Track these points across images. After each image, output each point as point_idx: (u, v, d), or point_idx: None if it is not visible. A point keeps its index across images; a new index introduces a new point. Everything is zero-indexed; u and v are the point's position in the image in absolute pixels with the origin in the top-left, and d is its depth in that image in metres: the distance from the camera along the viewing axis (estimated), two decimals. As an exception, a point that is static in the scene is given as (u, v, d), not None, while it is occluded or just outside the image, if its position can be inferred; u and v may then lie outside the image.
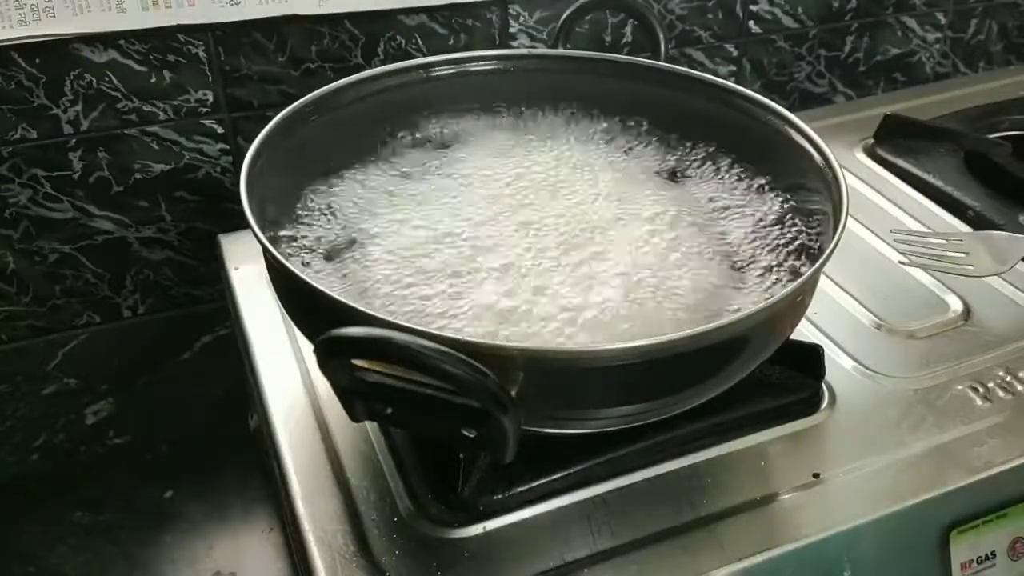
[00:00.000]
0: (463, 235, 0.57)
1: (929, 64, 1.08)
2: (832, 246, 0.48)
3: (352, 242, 0.57)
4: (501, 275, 0.53)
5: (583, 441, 0.53)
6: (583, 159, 0.65)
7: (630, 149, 0.66)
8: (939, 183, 0.80)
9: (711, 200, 0.62)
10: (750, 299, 0.53)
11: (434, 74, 0.66)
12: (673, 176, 0.64)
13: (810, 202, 0.58)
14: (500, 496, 0.51)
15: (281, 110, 0.58)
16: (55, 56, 0.71)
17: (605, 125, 0.68)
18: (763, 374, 0.56)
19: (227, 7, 0.73)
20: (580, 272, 0.54)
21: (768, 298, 0.51)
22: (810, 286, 0.52)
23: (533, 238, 0.57)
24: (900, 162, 0.84)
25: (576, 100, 0.67)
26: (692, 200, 0.62)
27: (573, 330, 0.49)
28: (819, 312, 0.66)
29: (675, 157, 0.65)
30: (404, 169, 0.64)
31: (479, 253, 0.55)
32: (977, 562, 0.55)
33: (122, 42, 0.73)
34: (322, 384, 0.59)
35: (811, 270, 0.48)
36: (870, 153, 0.87)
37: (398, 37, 0.80)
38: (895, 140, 0.87)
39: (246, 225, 0.48)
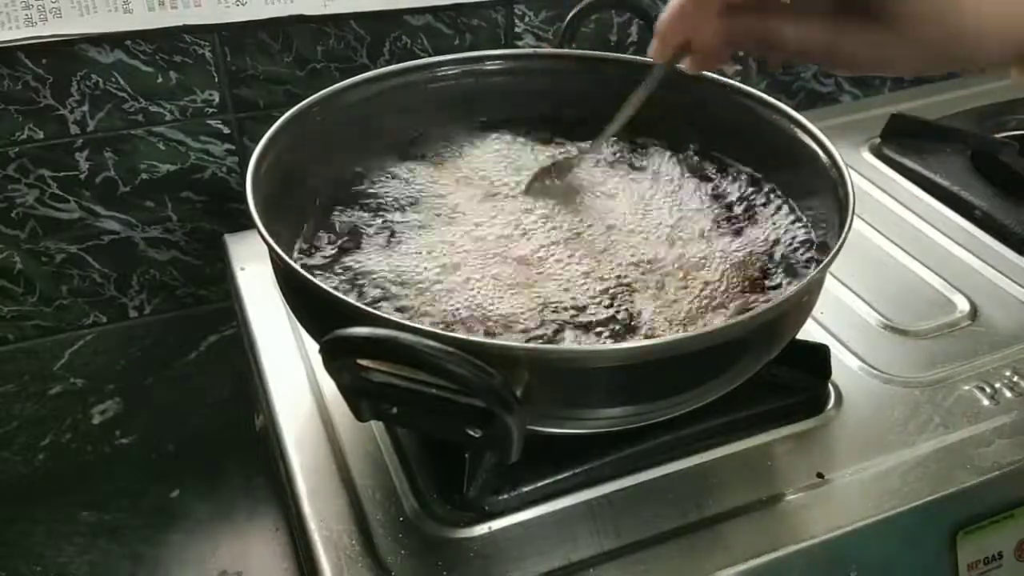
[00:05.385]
0: (470, 236, 0.57)
1: (936, 63, 1.07)
2: (838, 245, 0.48)
3: (358, 242, 0.57)
4: (508, 279, 0.53)
5: (588, 441, 0.53)
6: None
7: (635, 148, 0.66)
8: (946, 183, 0.80)
9: (715, 199, 0.62)
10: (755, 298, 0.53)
11: (439, 74, 0.66)
12: (679, 175, 0.64)
13: (816, 201, 0.58)
14: (505, 496, 0.51)
15: (287, 110, 0.58)
16: (62, 57, 0.71)
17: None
18: (769, 374, 0.56)
19: (233, 7, 0.73)
20: (589, 275, 0.54)
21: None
22: (816, 285, 0.52)
23: (545, 241, 0.57)
24: (907, 162, 0.84)
25: (581, 100, 0.67)
26: (696, 199, 0.62)
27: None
28: (825, 312, 0.66)
29: (679, 157, 0.65)
30: (410, 167, 0.64)
31: (486, 256, 0.55)
32: (984, 563, 0.55)
33: (128, 42, 0.73)
34: (328, 384, 0.59)
35: (817, 269, 0.48)
36: (876, 153, 0.87)
37: (404, 37, 0.80)
38: (902, 140, 0.87)
39: (252, 225, 0.48)
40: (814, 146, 0.58)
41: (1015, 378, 0.60)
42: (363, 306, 0.44)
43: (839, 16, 0.45)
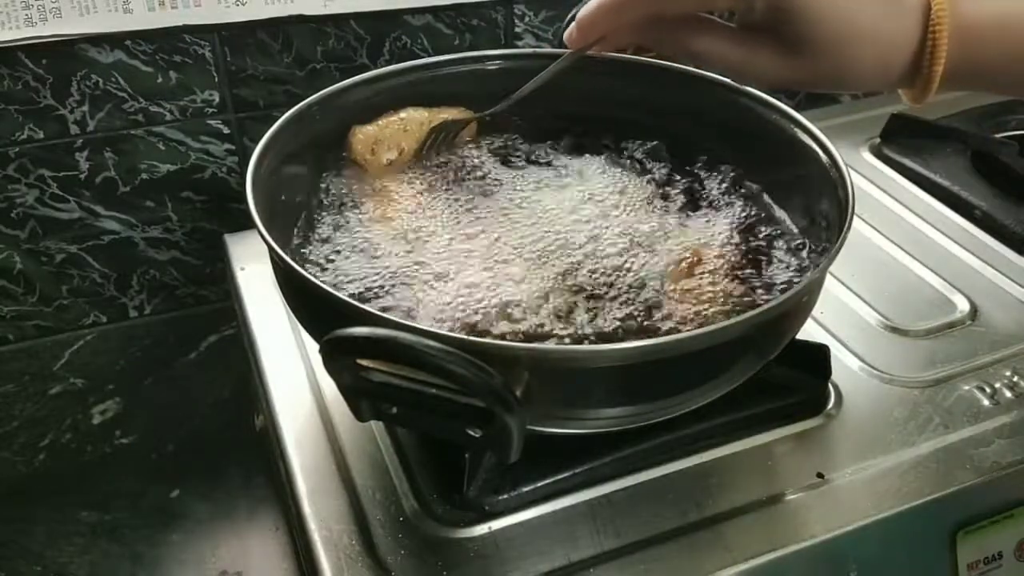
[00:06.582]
0: (470, 236, 0.57)
1: (936, 63, 1.07)
2: (838, 245, 0.48)
3: (358, 243, 0.57)
4: (508, 277, 0.53)
5: (588, 441, 0.53)
6: (587, 160, 0.65)
7: (634, 149, 0.66)
8: (946, 183, 0.80)
9: (716, 200, 0.62)
10: (757, 299, 0.53)
11: (439, 74, 0.66)
12: (678, 175, 0.64)
13: (816, 202, 0.58)
14: (505, 496, 0.51)
15: (287, 110, 0.58)
16: (62, 57, 0.71)
17: (610, 125, 0.68)
18: (769, 374, 0.56)
19: (233, 8, 0.73)
20: (586, 279, 0.54)
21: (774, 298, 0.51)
22: (816, 285, 0.52)
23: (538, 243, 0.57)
24: (906, 161, 0.84)
25: (580, 100, 0.67)
26: (695, 199, 0.62)
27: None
28: (825, 312, 0.66)
29: (679, 157, 0.65)
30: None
31: (486, 255, 0.55)
32: (984, 563, 0.55)
33: (128, 42, 0.73)
34: (328, 384, 0.59)
35: (817, 270, 0.48)
36: (876, 153, 0.87)
37: (403, 37, 0.80)
38: (901, 140, 0.87)
39: (252, 225, 0.48)
40: (814, 146, 0.57)
41: (1015, 378, 0.60)
42: (363, 306, 0.44)
43: (752, 37, 0.49)
